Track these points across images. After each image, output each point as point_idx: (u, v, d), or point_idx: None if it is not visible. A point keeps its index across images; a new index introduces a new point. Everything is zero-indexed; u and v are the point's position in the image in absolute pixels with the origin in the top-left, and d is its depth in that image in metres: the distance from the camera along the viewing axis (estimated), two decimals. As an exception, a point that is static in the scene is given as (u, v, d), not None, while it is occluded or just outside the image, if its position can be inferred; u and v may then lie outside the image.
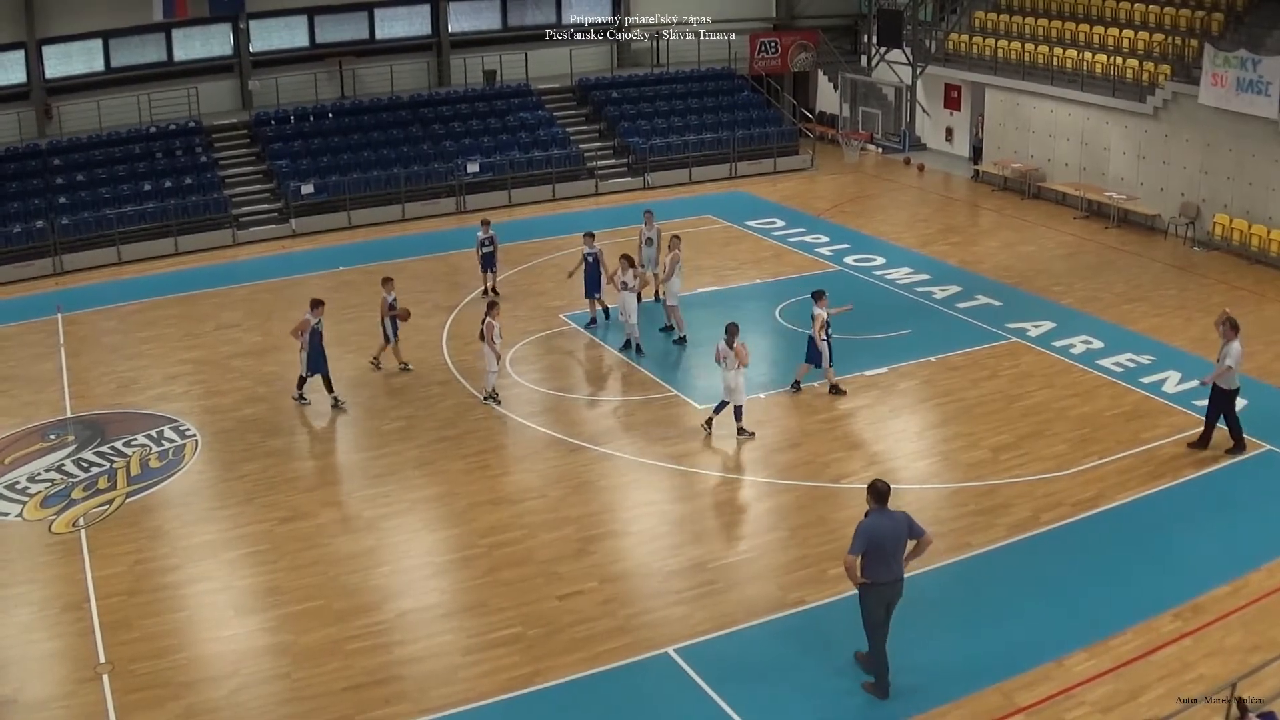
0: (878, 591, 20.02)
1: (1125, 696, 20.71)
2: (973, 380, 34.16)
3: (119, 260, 46.22)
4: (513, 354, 36.01)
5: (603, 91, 62.83)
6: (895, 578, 19.98)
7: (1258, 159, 45.43)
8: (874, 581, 19.92)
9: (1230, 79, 44.88)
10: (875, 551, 19.70)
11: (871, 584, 19.95)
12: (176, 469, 29.53)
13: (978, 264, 45.13)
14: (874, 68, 66.61)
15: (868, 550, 19.68)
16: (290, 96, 57.57)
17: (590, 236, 38.69)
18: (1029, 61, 56.21)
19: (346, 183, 51.92)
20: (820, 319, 32.10)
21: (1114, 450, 29.29)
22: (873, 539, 19.64)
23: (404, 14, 61.23)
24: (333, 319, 38.43)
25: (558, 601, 23.83)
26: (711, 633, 22.74)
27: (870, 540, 19.64)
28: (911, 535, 20.01)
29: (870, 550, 19.68)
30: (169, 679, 21.51)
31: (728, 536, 26.51)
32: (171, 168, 50.69)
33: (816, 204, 54.35)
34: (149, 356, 36.75)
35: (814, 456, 29.99)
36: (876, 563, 19.79)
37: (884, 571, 19.84)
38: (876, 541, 19.65)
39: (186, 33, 55.97)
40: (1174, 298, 41.32)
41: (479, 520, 27.04)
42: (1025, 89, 55.86)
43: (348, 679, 21.46)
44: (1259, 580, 24.27)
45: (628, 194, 56.59)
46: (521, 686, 21.25)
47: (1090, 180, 52.53)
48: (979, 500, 27.62)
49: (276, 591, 24.23)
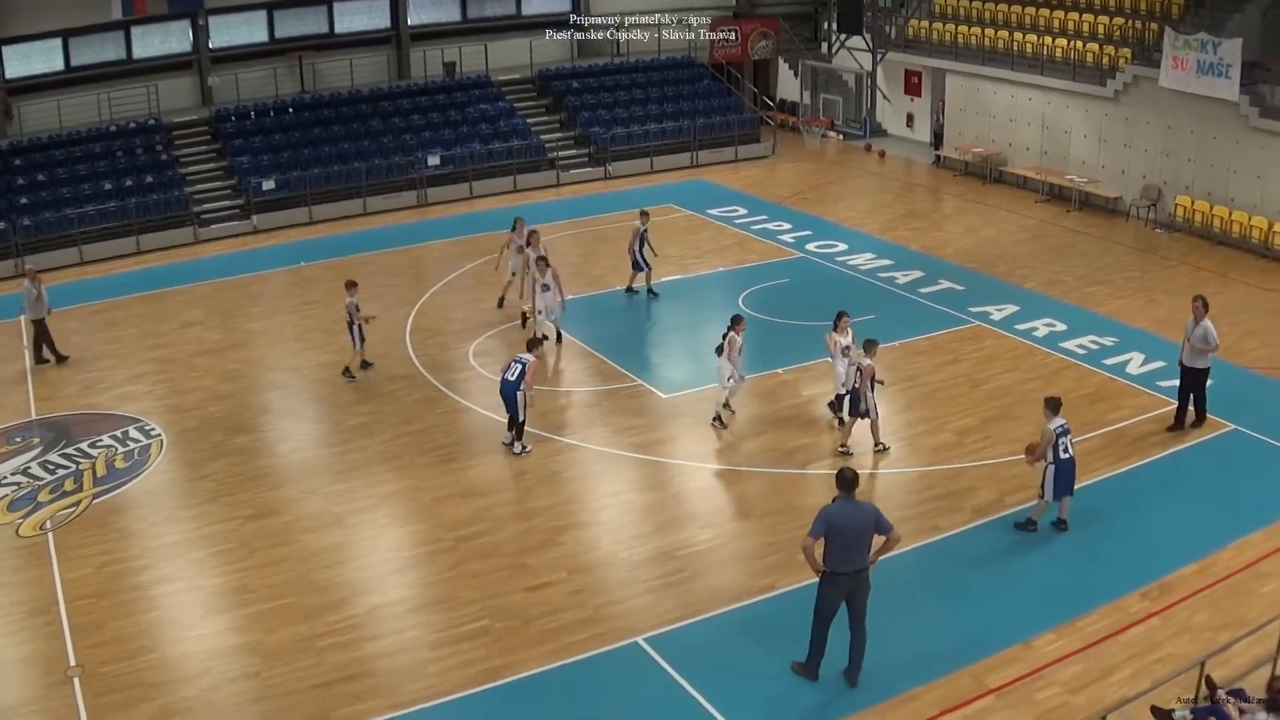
0: (835, 582, 20.01)
1: (1095, 676, 20.84)
2: (936, 364, 34.25)
3: (81, 260, 45.98)
4: (476, 346, 35.98)
5: (563, 82, 62.67)
6: (855, 569, 19.93)
7: (1219, 141, 45.63)
8: (833, 571, 19.92)
9: (1191, 62, 45.05)
10: (836, 539, 19.68)
11: (831, 573, 19.96)
12: (142, 469, 29.42)
13: (940, 249, 45.26)
14: (834, 55, 66.74)
15: (828, 537, 19.66)
16: (250, 92, 57.29)
17: (645, 215, 39.91)
18: (989, 47, 56.40)
19: (307, 178, 51.75)
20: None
21: (1079, 432, 29.33)
22: (833, 524, 19.61)
23: (363, 7, 61.01)
24: (295, 314, 38.49)
25: (526, 593, 23.84)
26: (681, 621, 22.79)
27: (830, 525, 19.61)
28: (879, 530, 20.00)
29: (831, 537, 19.66)
30: (140, 680, 21.44)
31: (695, 524, 26.47)
32: (132, 166, 50.41)
33: (778, 191, 54.46)
34: (113, 356, 36.57)
35: (779, 443, 30.03)
36: (837, 552, 19.77)
37: (843, 561, 19.82)
38: (837, 528, 19.62)
39: (146, 30, 55.62)
40: (1136, 280, 41.50)
41: (446, 514, 27.03)
42: (986, 74, 56.03)
43: (318, 676, 21.43)
44: (1226, 559, 24.44)
45: (589, 184, 56.69)
46: (492, 679, 21.25)
47: (1051, 164, 52.67)
48: (944, 484, 27.74)
49: (245, 590, 24.17)
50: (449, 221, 50.61)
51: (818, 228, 48.03)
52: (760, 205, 51.83)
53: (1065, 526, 25.56)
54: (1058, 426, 24.86)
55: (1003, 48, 55.67)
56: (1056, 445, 24.82)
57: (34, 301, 35.70)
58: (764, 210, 50.93)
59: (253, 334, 38.09)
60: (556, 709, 20.73)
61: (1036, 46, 54.10)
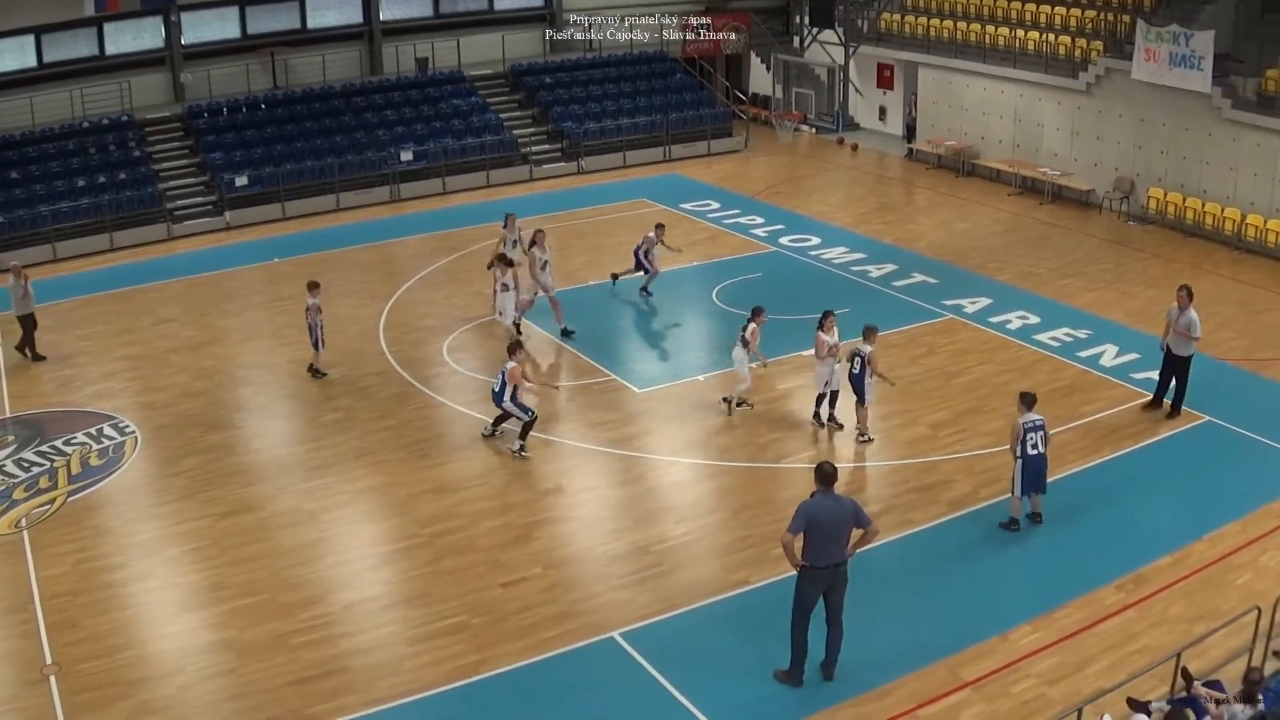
0: (814, 576, 20.02)
1: (1071, 668, 20.91)
2: (911, 357, 34.29)
3: (54, 257, 45.78)
4: (450, 341, 35.91)
5: (535, 77, 62.51)
6: (834, 562, 19.95)
7: (1191, 132, 45.76)
8: (811, 565, 19.93)
9: (1163, 54, 45.16)
10: (815, 534, 19.68)
11: (809, 567, 19.97)
12: (117, 466, 29.32)
13: (913, 242, 45.34)
14: (806, 48, 66.86)
15: (807, 532, 19.68)
16: (223, 88, 57.08)
17: (660, 227, 39.22)
18: (961, 39, 56.48)
19: (280, 174, 51.62)
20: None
21: (1053, 424, 29.40)
22: (812, 520, 19.63)
23: (335, 2, 60.71)
24: (268, 311, 38.43)
25: (501, 589, 23.82)
26: (656, 616, 22.81)
27: (809, 521, 19.63)
28: (858, 524, 20.06)
29: (810, 531, 19.67)
30: (117, 678, 21.38)
31: (670, 519, 26.48)
32: (105, 163, 50.21)
33: (751, 185, 54.43)
34: (87, 354, 36.42)
35: (754, 437, 30.07)
36: (815, 546, 19.77)
37: (822, 556, 19.82)
38: (816, 523, 19.63)
39: (118, 26, 55.36)
40: (1109, 272, 41.63)
41: (420, 510, 26.99)
42: (958, 67, 56.13)
43: (294, 672, 21.40)
44: (1201, 550, 24.56)
45: (562, 179, 56.54)
46: (468, 675, 21.25)
47: (1024, 157, 52.82)
48: (919, 477, 27.81)
49: (220, 587, 24.10)
50: (422, 217, 50.52)
51: (791, 222, 48.04)
52: (733, 199, 51.81)
53: (1040, 519, 25.63)
54: (1028, 422, 24.85)
55: (975, 41, 55.78)
56: (1025, 440, 24.84)
57: (20, 298, 35.61)
58: (737, 204, 50.92)
59: (226, 330, 37.96)
60: (533, 705, 20.70)
61: (1009, 39, 54.20)
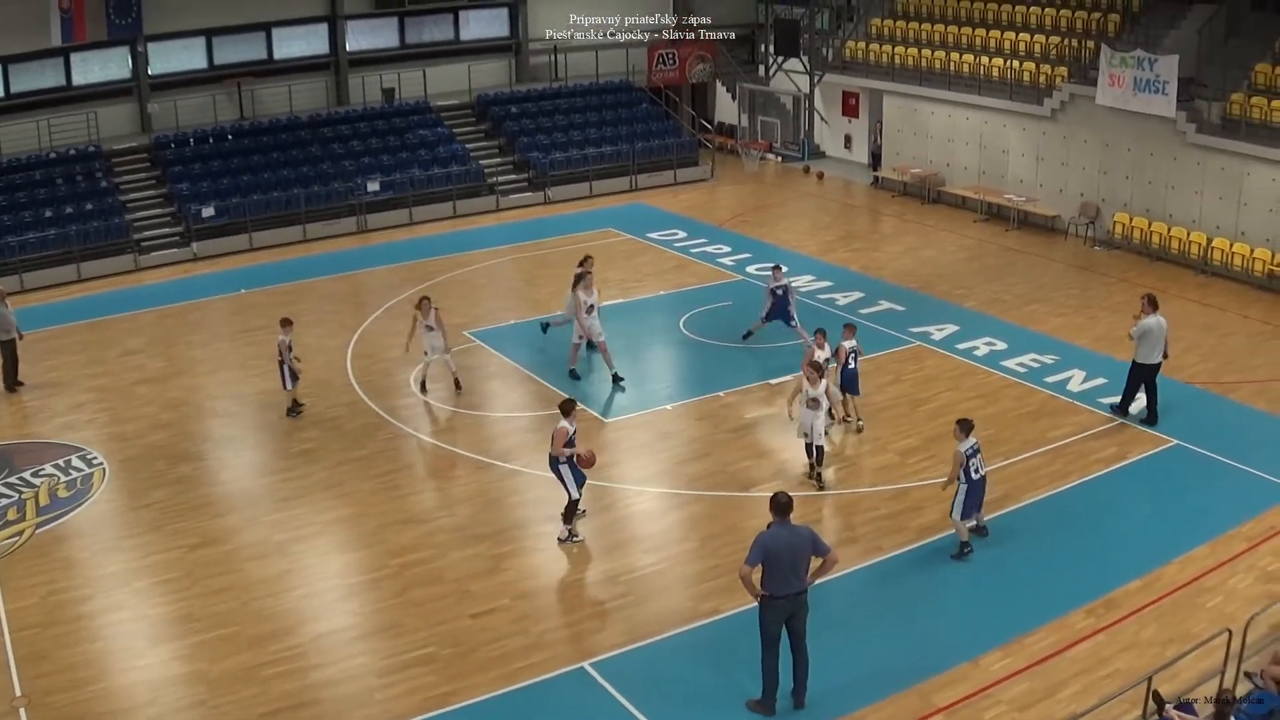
0: (775, 606, 20.06)
1: (1042, 694, 20.94)
2: (878, 385, 34.31)
3: (21, 288, 45.52)
4: (417, 372, 35.79)
5: (502, 107, 62.60)
6: (794, 591, 19.99)
7: (1156, 157, 45.99)
8: (772, 595, 19.99)
9: (1127, 79, 45.42)
10: (773, 565, 19.77)
11: (770, 597, 20.02)
12: (85, 498, 29.22)
13: (879, 269, 45.44)
14: (772, 77, 66.97)
15: (766, 562, 19.76)
16: (190, 119, 57.01)
17: (778, 269, 37.62)
18: (926, 67, 56.66)
19: (247, 204, 51.53)
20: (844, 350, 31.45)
21: (1021, 450, 29.57)
22: (769, 551, 19.71)
23: (302, 33, 60.78)
24: (236, 342, 38.36)
25: (471, 620, 23.79)
26: (626, 646, 22.79)
27: (767, 552, 19.71)
28: (816, 553, 20.12)
29: (768, 563, 19.76)
30: (87, 710, 21.30)
31: (639, 549, 26.50)
32: (72, 193, 50.08)
33: (717, 214, 54.53)
34: (54, 385, 36.29)
35: (722, 466, 30.06)
36: (774, 576, 19.85)
37: (781, 585, 19.88)
38: (774, 554, 19.71)
39: (85, 56, 55.27)
40: (1076, 297, 41.79)
41: (390, 541, 26.94)
42: (923, 94, 56.29)
43: (264, 704, 21.32)
44: (1171, 574, 24.63)
45: (529, 209, 56.54)
46: (438, 706, 21.19)
47: (990, 183, 53.01)
48: (888, 504, 27.81)
49: (190, 619, 24.02)
50: (389, 248, 50.47)
51: (758, 250, 48.08)
52: (700, 228, 51.89)
53: (985, 531, 25.88)
54: (968, 448, 25.01)
55: (939, 68, 56.00)
56: (968, 466, 24.97)
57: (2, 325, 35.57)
58: (704, 233, 50.98)
59: (194, 361, 37.89)
60: (504, 735, 20.71)
61: (974, 66, 54.43)
